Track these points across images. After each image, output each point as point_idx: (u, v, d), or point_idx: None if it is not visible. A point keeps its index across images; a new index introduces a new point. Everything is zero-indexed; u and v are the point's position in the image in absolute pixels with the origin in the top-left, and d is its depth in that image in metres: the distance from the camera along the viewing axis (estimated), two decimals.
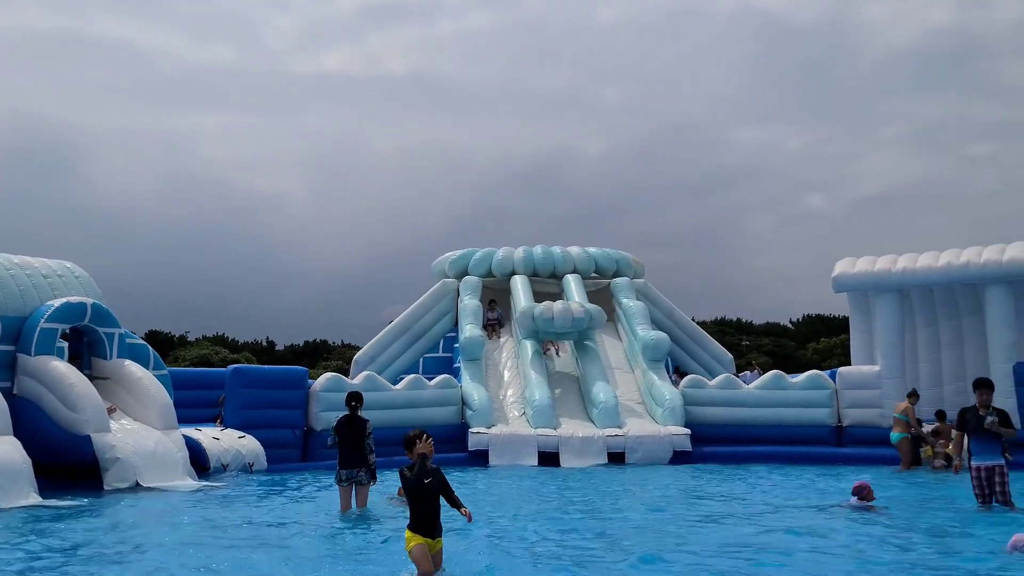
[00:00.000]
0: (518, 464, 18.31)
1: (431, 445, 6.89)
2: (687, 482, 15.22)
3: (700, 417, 20.04)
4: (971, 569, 7.45)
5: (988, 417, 10.60)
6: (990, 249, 18.47)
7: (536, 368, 21.29)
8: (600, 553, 8.32)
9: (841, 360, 36.32)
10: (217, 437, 16.31)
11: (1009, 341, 18.16)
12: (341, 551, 8.53)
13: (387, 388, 19.66)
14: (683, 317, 26.28)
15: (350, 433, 11.00)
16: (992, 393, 10.93)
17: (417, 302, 25.43)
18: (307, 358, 60.09)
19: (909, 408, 17.62)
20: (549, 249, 25.95)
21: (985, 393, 10.88)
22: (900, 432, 17.41)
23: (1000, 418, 10.69)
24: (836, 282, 20.25)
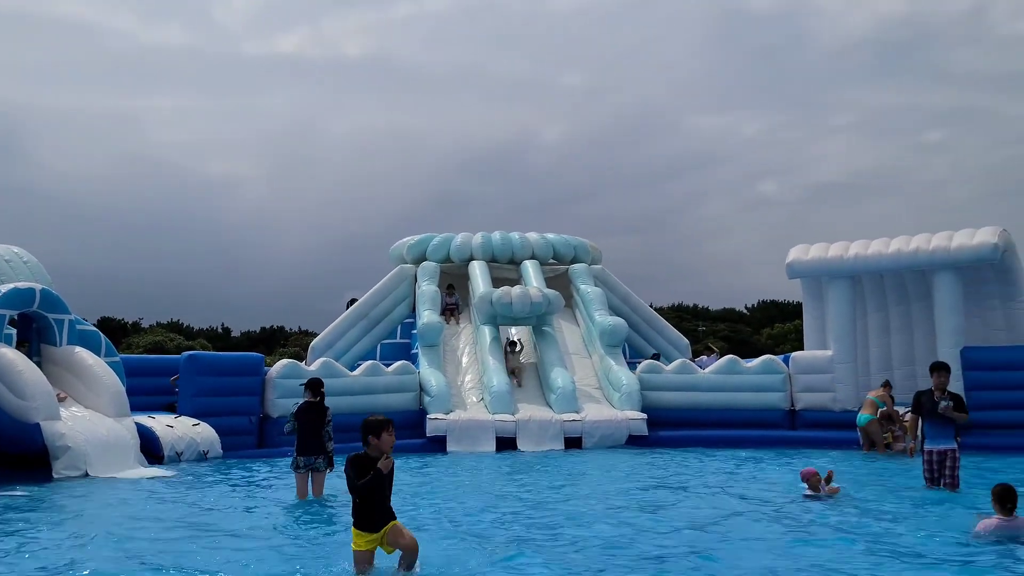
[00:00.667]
0: (476, 450, 18.35)
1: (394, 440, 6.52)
2: (637, 466, 15.35)
3: (656, 402, 20.25)
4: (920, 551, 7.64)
5: (942, 402, 10.76)
6: (939, 236, 18.82)
7: (494, 354, 21.32)
8: (548, 537, 8.38)
9: (795, 345, 36.86)
10: (171, 425, 16.12)
11: (957, 326, 18.53)
12: (294, 540, 8.44)
13: (344, 374, 19.55)
14: (640, 303, 26.48)
15: (311, 420, 10.93)
16: (948, 376, 11.06)
17: (374, 288, 25.31)
18: (263, 344, 59.52)
19: (886, 395, 17.92)
20: (507, 235, 25.96)
21: (942, 376, 10.98)
22: (869, 414, 17.57)
23: (955, 403, 10.81)
24: (790, 268, 20.52)
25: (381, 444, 6.36)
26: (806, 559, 7.25)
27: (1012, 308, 19.14)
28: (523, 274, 24.82)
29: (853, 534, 8.44)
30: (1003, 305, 19.25)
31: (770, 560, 7.25)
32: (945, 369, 11.13)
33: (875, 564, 7.06)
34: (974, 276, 19.04)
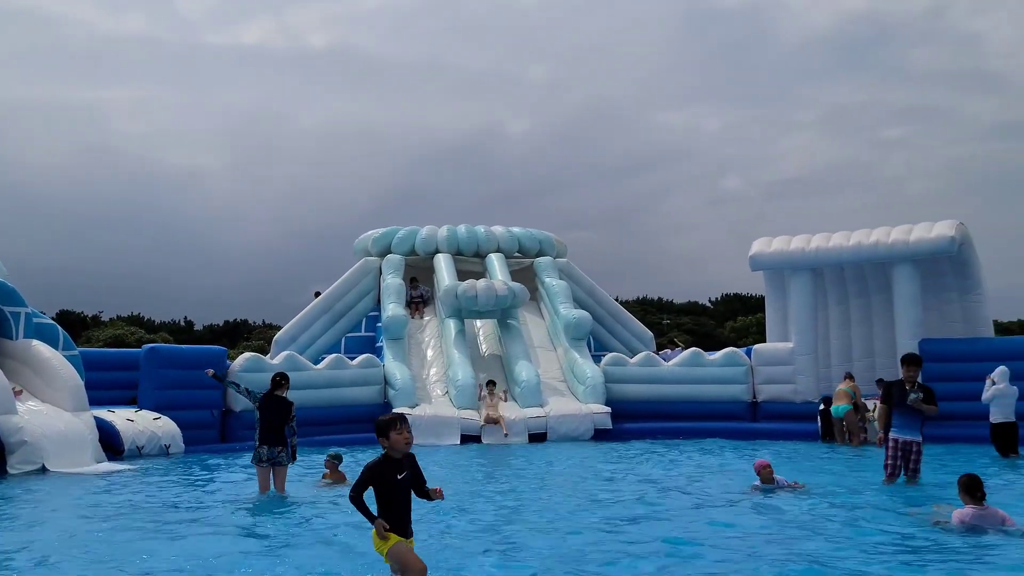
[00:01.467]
0: (441, 444, 18.32)
1: (411, 436, 5.74)
2: (599, 459, 15.43)
3: (621, 394, 20.37)
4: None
5: (912, 394, 10.81)
6: (898, 230, 19.09)
7: (459, 347, 21.29)
8: (522, 535, 8.39)
9: (757, 338, 37.31)
10: (131, 419, 15.91)
11: (915, 318, 18.82)
12: (254, 537, 8.32)
13: (308, 368, 19.43)
14: (605, 296, 26.59)
15: (274, 412, 10.81)
16: (919, 369, 11.10)
17: (339, 281, 25.16)
18: (227, 338, 58.97)
19: (856, 386, 18.15)
20: (473, 228, 25.92)
21: (912, 369, 11.01)
22: (846, 404, 17.76)
23: (925, 396, 10.83)
24: (752, 261, 20.70)
25: (392, 444, 5.67)
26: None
27: (969, 301, 19.48)
28: (488, 267, 24.80)
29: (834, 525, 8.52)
30: (960, 298, 19.58)
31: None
32: (916, 362, 11.15)
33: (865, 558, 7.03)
34: (932, 269, 19.35)
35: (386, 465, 5.66)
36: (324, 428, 18.27)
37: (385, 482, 5.62)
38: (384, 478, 5.62)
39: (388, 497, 5.62)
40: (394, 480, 5.63)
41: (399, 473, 5.65)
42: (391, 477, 5.63)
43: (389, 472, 5.64)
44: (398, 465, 5.68)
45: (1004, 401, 14.70)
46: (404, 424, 5.71)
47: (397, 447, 5.66)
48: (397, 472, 5.65)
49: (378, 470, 5.64)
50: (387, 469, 5.65)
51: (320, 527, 8.54)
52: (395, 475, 5.63)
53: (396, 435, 5.64)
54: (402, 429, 5.67)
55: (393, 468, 5.66)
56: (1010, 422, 14.63)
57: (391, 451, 5.67)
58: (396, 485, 5.64)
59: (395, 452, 5.67)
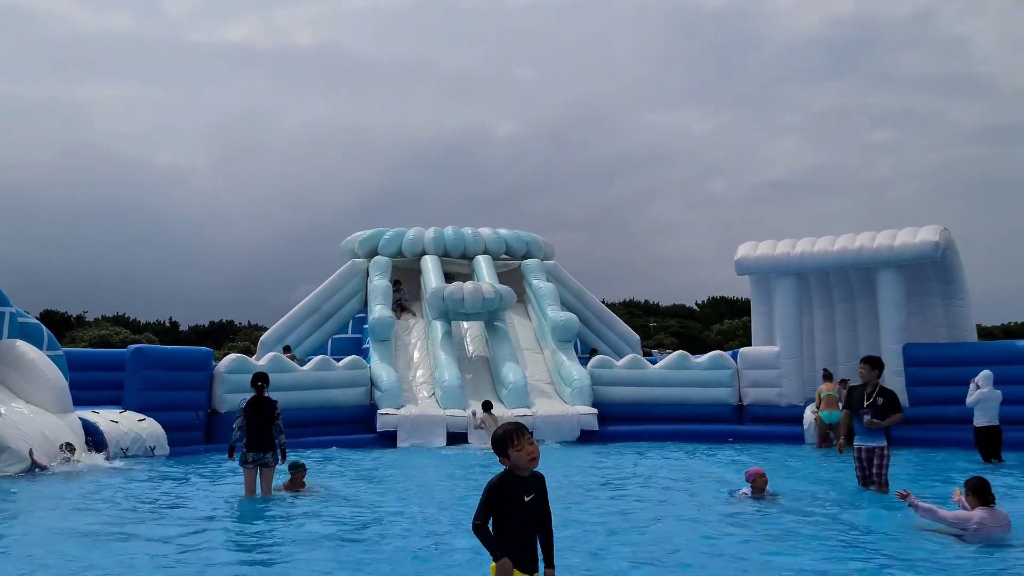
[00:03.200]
0: (427, 445, 18.32)
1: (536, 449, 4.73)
2: (588, 461, 15.45)
3: (607, 397, 20.41)
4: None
5: (866, 416, 10.37)
6: (883, 234, 19.20)
7: (446, 349, 21.29)
8: None
9: (743, 341, 37.44)
10: (116, 420, 15.82)
11: (899, 322, 18.94)
12: (238, 542, 8.28)
13: (293, 369, 19.37)
14: (592, 299, 26.63)
15: (258, 415, 10.77)
16: (873, 371, 10.65)
17: (325, 282, 25.11)
18: (212, 339, 58.73)
19: (840, 386, 18.12)
20: (460, 230, 25.92)
21: (863, 370, 10.73)
22: (836, 410, 17.58)
23: (886, 399, 10.49)
24: (738, 265, 20.77)
25: (514, 464, 4.68)
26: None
27: (952, 305, 19.62)
28: (475, 269, 24.80)
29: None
30: (944, 303, 19.72)
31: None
32: (868, 363, 10.77)
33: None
34: (916, 274, 19.47)
35: (510, 483, 4.69)
36: (310, 430, 18.21)
37: (508, 505, 4.64)
38: (507, 499, 4.65)
39: (510, 524, 4.65)
40: (520, 502, 4.65)
41: (526, 494, 4.69)
42: (516, 498, 4.66)
43: (514, 492, 4.67)
44: (524, 484, 4.71)
45: (988, 405, 14.81)
46: (523, 437, 4.67)
47: (520, 465, 4.66)
48: (524, 493, 4.68)
49: (501, 489, 4.66)
50: (511, 488, 4.68)
51: (301, 529, 8.52)
52: (521, 496, 4.67)
53: (516, 452, 4.63)
54: (521, 444, 4.65)
55: (519, 488, 4.69)
56: (994, 426, 14.74)
57: (514, 469, 4.70)
58: (521, 509, 4.66)
59: (518, 470, 4.69)
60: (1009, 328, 62.91)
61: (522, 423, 4.80)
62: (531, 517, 4.70)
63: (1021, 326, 64.28)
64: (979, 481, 8.02)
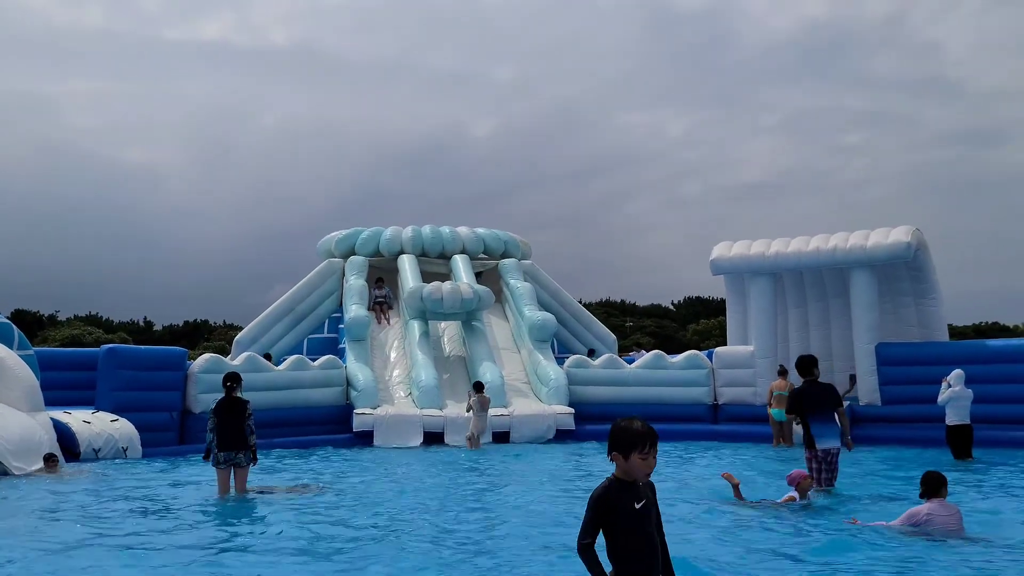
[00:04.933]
0: (403, 445, 18.27)
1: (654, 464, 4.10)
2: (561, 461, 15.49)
3: (584, 396, 20.45)
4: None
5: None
6: (856, 235, 19.37)
7: (423, 349, 21.24)
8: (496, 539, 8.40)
9: (719, 341, 37.62)
10: (88, 420, 15.66)
11: (872, 322, 19.11)
12: (209, 543, 8.20)
13: (268, 369, 19.26)
14: (569, 298, 26.67)
15: (229, 415, 10.71)
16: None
17: (301, 282, 24.98)
18: (187, 339, 58.31)
19: (792, 385, 18.25)
20: (438, 229, 25.86)
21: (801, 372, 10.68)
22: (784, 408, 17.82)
23: (832, 392, 10.50)
24: (713, 265, 20.88)
25: (629, 469, 4.05)
26: None
27: (924, 305, 19.83)
28: (453, 269, 24.75)
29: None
30: (916, 302, 19.93)
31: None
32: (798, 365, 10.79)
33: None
34: (889, 274, 19.67)
35: (619, 490, 4.05)
36: (285, 430, 18.12)
37: (620, 515, 4.02)
38: (618, 509, 4.02)
39: (625, 536, 4.01)
40: (632, 510, 4.03)
41: (636, 501, 4.06)
42: (627, 506, 4.03)
43: (623, 500, 4.04)
44: (634, 490, 4.08)
45: (959, 404, 14.97)
46: (654, 447, 4.06)
47: (634, 474, 4.06)
48: (635, 499, 4.06)
49: (607, 499, 4.03)
50: (622, 496, 4.04)
51: (273, 529, 8.47)
52: (632, 503, 4.04)
53: (640, 459, 4.02)
54: (649, 453, 4.05)
55: (629, 494, 4.06)
56: (965, 424, 14.90)
57: (623, 475, 4.08)
58: (634, 518, 4.04)
59: (625, 477, 4.07)
60: (980, 328, 63.72)
61: (655, 432, 4.10)
62: (646, 525, 4.06)
63: (992, 326, 65.12)
64: (929, 475, 8.19)
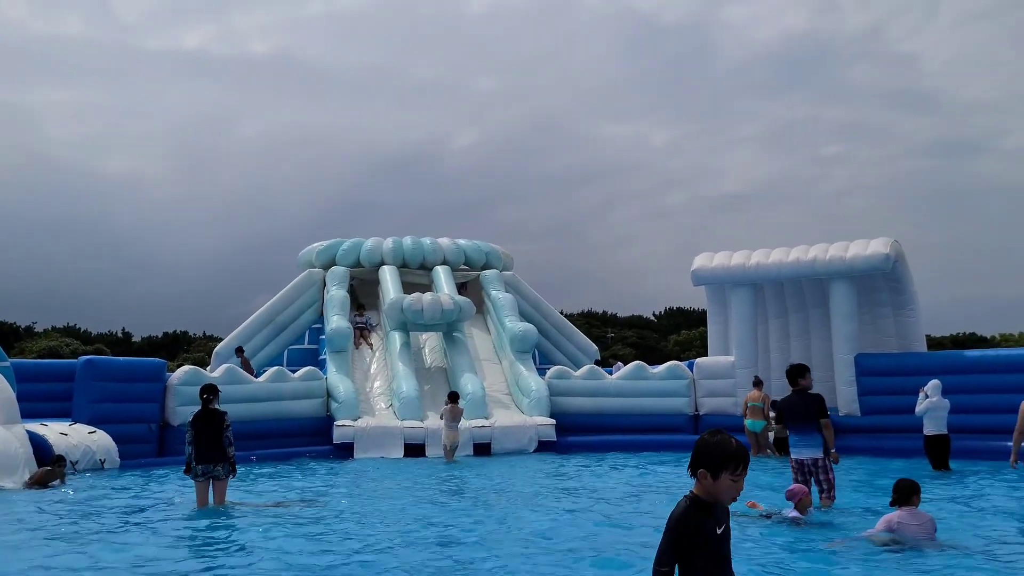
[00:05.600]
0: (384, 456, 18.19)
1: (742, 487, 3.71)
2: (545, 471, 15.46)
3: (565, 407, 20.45)
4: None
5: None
6: (835, 246, 19.51)
7: (404, 360, 21.18)
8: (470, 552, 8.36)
9: (700, 351, 37.75)
10: (65, 433, 15.48)
11: (851, 333, 19.23)
12: (193, 554, 8.14)
13: (248, 380, 19.14)
14: (550, 309, 26.70)
15: (207, 428, 10.62)
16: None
17: (281, 292, 24.88)
18: (166, 350, 57.90)
19: (767, 396, 18.35)
20: (419, 240, 25.85)
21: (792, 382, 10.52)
22: (760, 419, 17.95)
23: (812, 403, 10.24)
24: (695, 276, 20.96)
25: (715, 490, 3.63)
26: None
27: (902, 316, 19.99)
28: (434, 280, 24.73)
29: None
30: (894, 313, 20.08)
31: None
32: (790, 373, 10.63)
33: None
34: (868, 285, 19.82)
35: (700, 514, 3.65)
36: (265, 442, 17.99)
37: (700, 540, 3.62)
38: (699, 534, 3.63)
39: (703, 564, 3.63)
40: (713, 534, 3.66)
41: (717, 526, 3.68)
42: (709, 530, 3.65)
43: (706, 525, 3.65)
44: (715, 514, 3.69)
45: (936, 414, 15.06)
46: (746, 469, 3.66)
47: (720, 496, 3.65)
48: (716, 523, 3.68)
49: (688, 521, 3.63)
50: (703, 519, 3.65)
51: (253, 543, 8.40)
52: (713, 528, 3.66)
53: (731, 480, 3.62)
54: (741, 475, 3.64)
55: (710, 518, 3.66)
56: (943, 434, 14.99)
57: (705, 495, 3.67)
58: (714, 545, 3.66)
59: (707, 496, 3.66)
60: (958, 338, 64.29)
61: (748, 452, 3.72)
62: (725, 553, 3.71)
63: (969, 336, 65.72)
64: (901, 483, 8.27)
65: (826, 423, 10.25)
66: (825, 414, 10.28)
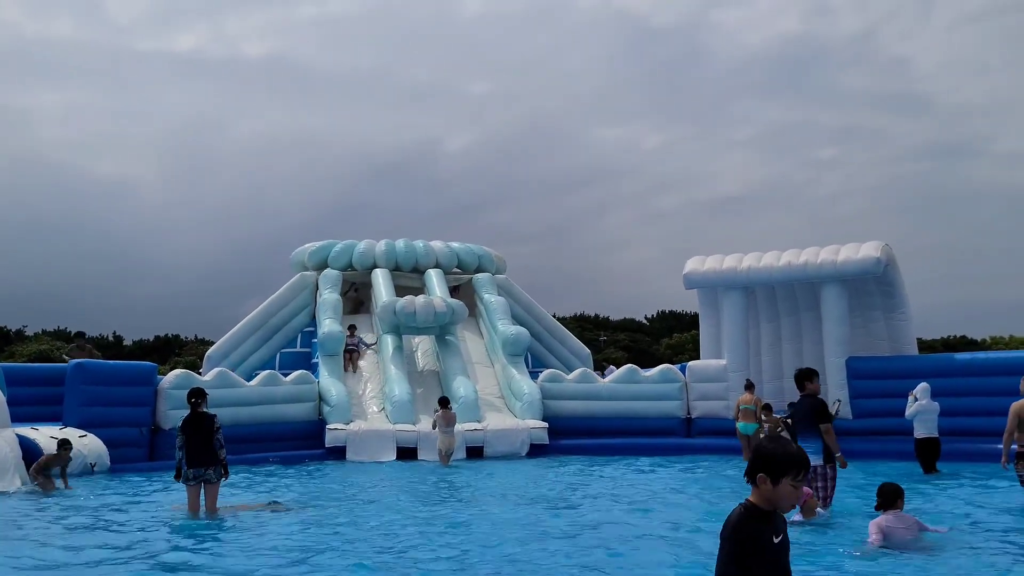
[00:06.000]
0: (376, 460, 18.15)
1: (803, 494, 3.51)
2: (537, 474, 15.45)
3: (558, 410, 20.45)
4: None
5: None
6: (826, 250, 19.57)
7: (396, 363, 21.15)
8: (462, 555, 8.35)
9: (692, 355, 37.81)
10: (55, 437, 15.39)
11: (843, 336, 19.29)
12: (178, 561, 8.07)
13: (240, 384, 19.08)
14: (543, 313, 26.69)
15: (196, 432, 10.58)
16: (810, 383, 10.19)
17: (273, 295, 24.80)
18: (157, 353, 57.69)
19: (758, 400, 18.37)
20: (411, 243, 25.82)
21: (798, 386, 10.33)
22: (752, 422, 17.97)
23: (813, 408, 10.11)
24: (687, 279, 21.00)
25: (776, 497, 3.46)
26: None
27: (894, 319, 20.04)
28: (427, 283, 24.70)
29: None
30: (885, 316, 20.14)
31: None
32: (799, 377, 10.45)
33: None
34: (859, 288, 19.87)
35: (757, 522, 3.47)
36: (257, 446, 17.93)
37: (758, 549, 3.43)
38: (757, 542, 3.44)
39: (760, 574, 3.42)
40: (771, 544, 3.46)
41: (776, 533, 3.49)
42: (767, 539, 3.46)
43: (765, 533, 3.46)
44: (773, 522, 3.50)
45: (926, 417, 15.11)
46: (806, 475, 3.51)
47: (779, 503, 3.48)
48: (774, 532, 3.49)
49: (746, 529, 3.45)
50: (761, 527, 3.46)
51: (246, 547, 8.37)
52: (771, 537, 3.47)
53: (792, 486, 3.45)
54: (801, 481, 3.49)
55: (768, 527, 3.48)
56: (933, 437, 15.03)
57: (763, 502, 3.49)
58: (771, 555, 3.46)
59: (770, 504, 3.49)
60: (948, 341, 64.53)
61: (808, 458, 3.57)
62: (785, 566, 3.51)
63: (960, 339, 65.97)
64: (884, 487, 8.28)
65: (826, 428, 10.03)
66: (824, 419, 10.09)
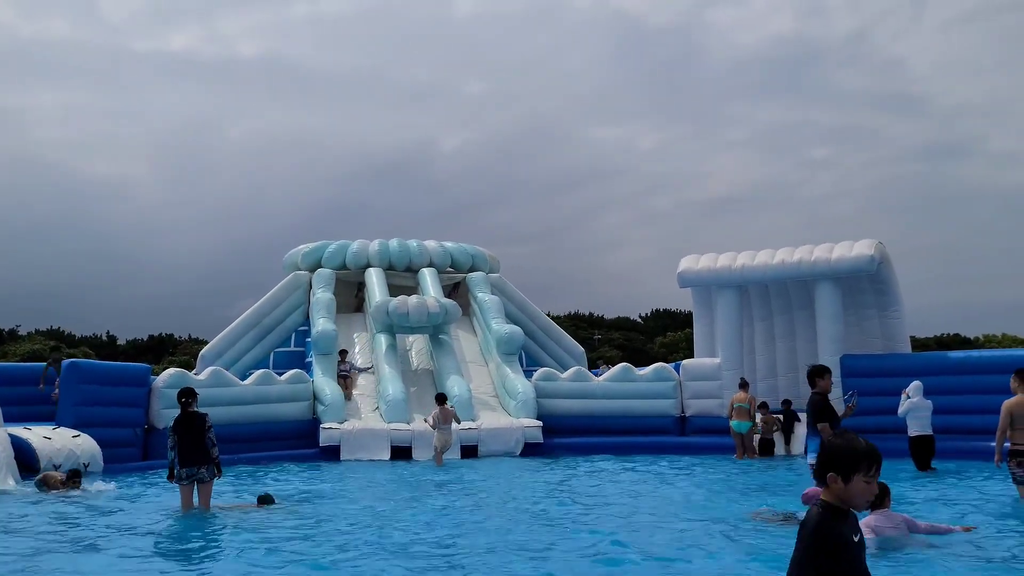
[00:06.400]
0: (370, 459, 18.15)
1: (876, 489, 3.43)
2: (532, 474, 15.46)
3: (552, 409, 20.45)
4: None
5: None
6: (820, 248, 19.62)
7: (390, 362, 21.14)
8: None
9: (686, 353, 37.79)
10: (49, 436, 15.38)
11: (837, 334, 19.34)
12: (171, 563, 8.04)
13: (234, 383, 19.06)
14: (537, 311, 26.70)
15: (188, 431, 10.56)
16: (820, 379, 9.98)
17: (267, 295, 24.77)
18: (151, 353, 57.62)
19: (753, 398, 18.45)
20: (405, 242, 25.80)
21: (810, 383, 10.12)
22: (746, 420, 18.07)
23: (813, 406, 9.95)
24: (681, 278, 21.04)
25: (850, 494, 3.26)
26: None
27: (887, 317, 20.10)
28: (420, 282, 24.69)
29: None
30: (879, 314, 20.19)
31: None
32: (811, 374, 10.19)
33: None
34: (852, 286, 19.92)
35: (836, 521, 3.27)
36: (251, 445, 17.92)
37: (839, 550, 3.23)
38: (837, 542, 3.24)
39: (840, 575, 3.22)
40: (851, 543, 3.27)
41: (854, 532, 3.32)
42: (847, 539, 3.27)
43: (844, 533, 3.27)
44: (851, 521, 3.34)
45: (919, 414, 15.14)
46: (879, 470, 3.32)
47: (853, 501, 3.29)
48: (852, 531, 3.32)
49: (826, 530, 3.24)
50: (840, 527, 3.27)
51: (236, 547, 8.35)
52: (851, 535, 3.30)
53: (864, 482, 3.27)
54: (874, 476, 3.30)
55: (847, 526, 3.29)
56: (927, 435, 15.07)
57: (838, 501, 3.30)
58: (852, 555, 3.26)
59: (845, 503, 3.29)
60: (942, 339, 64.70)
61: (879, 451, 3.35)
62: (863, 566, 3.31)
63: (953, 337, 66.15)
64: (880, 486, 8.25)
65: (823, 428, 9.77)
66: (820, 418, 9.86)
